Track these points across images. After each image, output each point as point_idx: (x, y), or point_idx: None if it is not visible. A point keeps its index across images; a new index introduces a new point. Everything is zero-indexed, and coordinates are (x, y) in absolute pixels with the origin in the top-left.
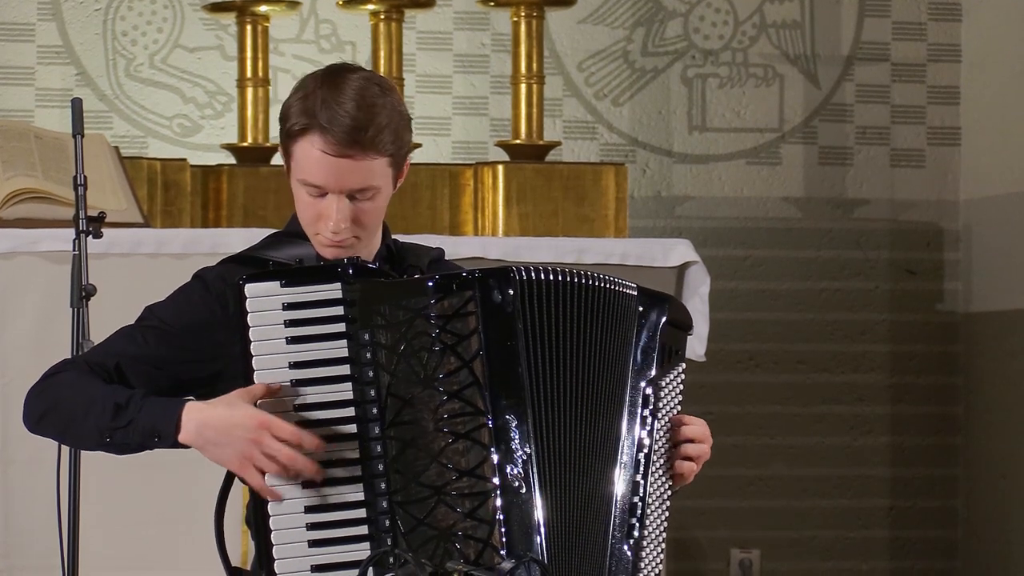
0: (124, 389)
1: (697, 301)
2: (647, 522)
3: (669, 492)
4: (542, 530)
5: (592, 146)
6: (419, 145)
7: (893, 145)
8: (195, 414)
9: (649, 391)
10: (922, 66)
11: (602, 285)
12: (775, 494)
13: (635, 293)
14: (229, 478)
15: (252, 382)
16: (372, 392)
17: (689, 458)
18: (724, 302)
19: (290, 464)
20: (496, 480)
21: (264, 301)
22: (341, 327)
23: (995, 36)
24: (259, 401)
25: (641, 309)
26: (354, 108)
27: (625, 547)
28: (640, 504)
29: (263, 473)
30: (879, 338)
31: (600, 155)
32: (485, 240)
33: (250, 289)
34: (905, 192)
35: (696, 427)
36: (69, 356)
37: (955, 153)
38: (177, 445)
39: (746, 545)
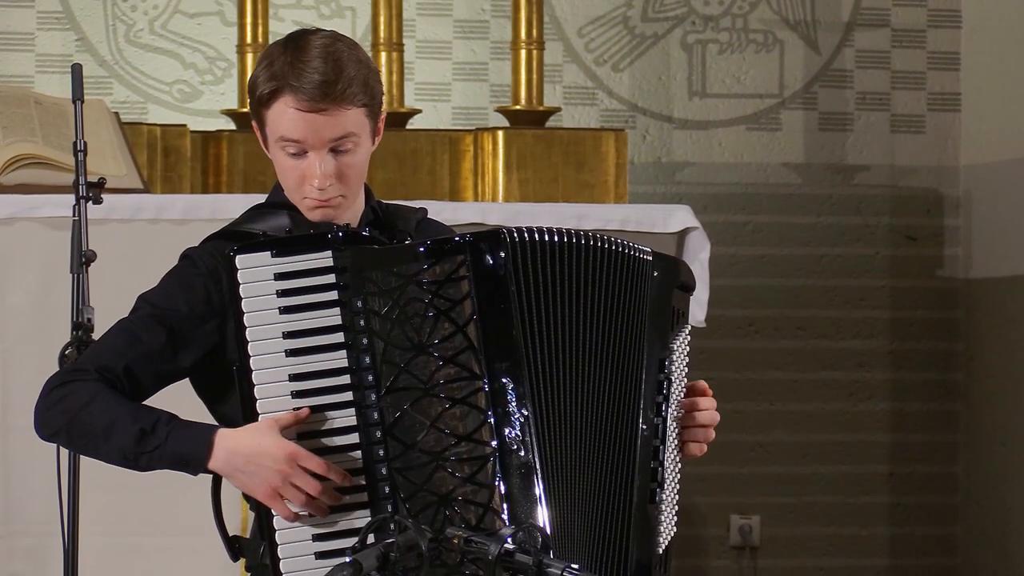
0: (146, 411)
1: (697, 267)
2: (665, 486)
3: (680, 464)
4: (542, 493)
5: (592, 112)
6: (419, 111)
7: (893, 111)
8: (224, 441)
9: (664, 356)
10: (922, 31)
11: (603, 245)
12: (775, 460)
13: (650, 258)
14: None
15: (247, 355)
16: (367, 359)
17: (696, 440)
18: (724, 268)
19: (317, 496)
20: (494, 444)
21: (255, 272)
22: (334, 295)
23: (995, 1)
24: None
25: (656, 274)
26: (321, 64)
27: (645, 509)
28: (660, 469)
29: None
30: (879, 304)
31: (600, 121)
32: (485, 206)
33: (241, 260)
34: (905, 158)
35: (709, 413)
36: (68, 324)
37: (955, 119)
38: (204, 471)
39: (746, 511)
